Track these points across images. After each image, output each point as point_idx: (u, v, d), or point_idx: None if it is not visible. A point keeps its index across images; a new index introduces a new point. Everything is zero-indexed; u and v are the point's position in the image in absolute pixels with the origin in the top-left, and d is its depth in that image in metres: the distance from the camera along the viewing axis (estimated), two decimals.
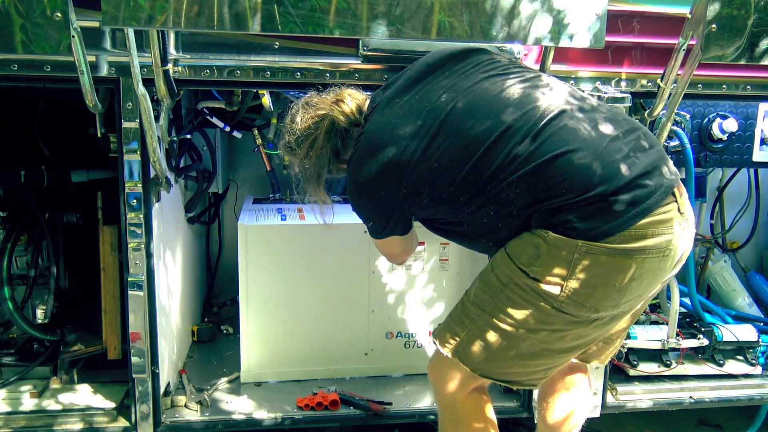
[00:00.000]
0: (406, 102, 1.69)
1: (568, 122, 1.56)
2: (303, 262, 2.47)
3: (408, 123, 1.65)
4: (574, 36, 1.75)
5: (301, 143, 1.84)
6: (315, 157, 1.83)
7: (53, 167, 2.65)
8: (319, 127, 1.80)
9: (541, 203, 1.54)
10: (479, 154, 1.57)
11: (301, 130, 1.83)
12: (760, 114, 2.51)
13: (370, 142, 1.70)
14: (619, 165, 1.52)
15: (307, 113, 1.83)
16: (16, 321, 2.45)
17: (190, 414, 2.27)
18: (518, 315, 1.61)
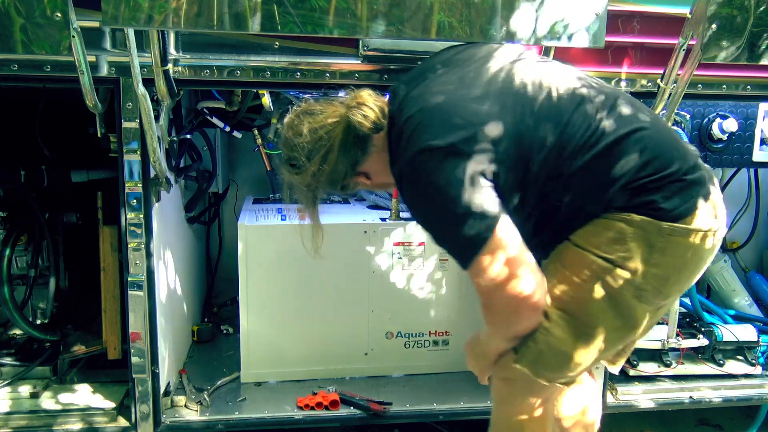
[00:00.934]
0: (462, 80, 1.55)
1: (625, 100, 1.55)
2: (303, 262, 2.46)
3: (481, 100, 1.49)
4: (574, 36, 1.75)
5: (312, 157, 1.61)
6: (329, 172, 1.62)
7: (53, 167, 2.65)
8: (332, 137, 1.59)
9: (623, 182, 1.47)
10: (562, 126, 1.48)
11: (310, 142, 1.60)
12: (760, 114, 2.51)
13: (438, 105, 1.48)
14: (684, 145, 1.53)
15: (315, 122, 1.61)
16: (16, 321, 2.45)
17: (190, 414, 2.27)
18: (599, 310, 1.50)
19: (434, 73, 1.62)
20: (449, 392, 2.50)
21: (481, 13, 1.67)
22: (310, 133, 1.60)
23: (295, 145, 1.62)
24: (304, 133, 1.60)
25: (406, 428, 2.57)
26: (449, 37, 1.71)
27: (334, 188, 1.69)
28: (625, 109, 1.53)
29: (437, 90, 1.53)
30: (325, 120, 1.60)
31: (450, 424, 2.62)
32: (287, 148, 1.65)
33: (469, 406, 2.41)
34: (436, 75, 1.61)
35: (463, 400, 2.44)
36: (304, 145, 1.60)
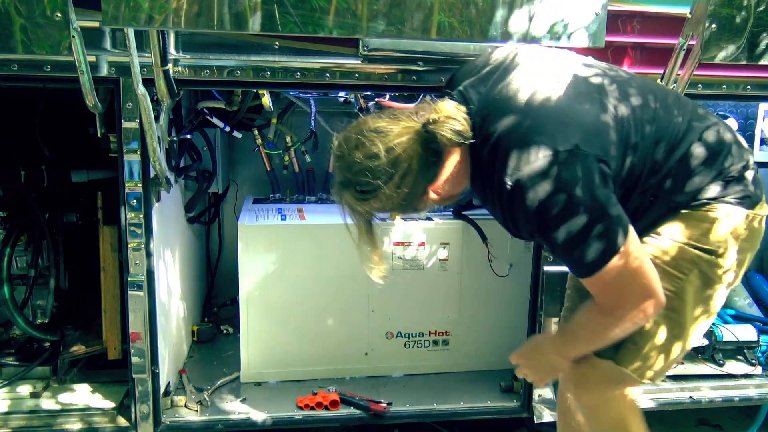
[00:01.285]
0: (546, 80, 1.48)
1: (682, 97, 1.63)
2: (303, 262, 2.47)
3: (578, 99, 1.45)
4: (574, 36, 1.75)
5: (389, 179, 1.43)
6: (406, 194, 1.46)
7: (53, 167, 2.65)
8: (411, 155, 1.43)
9: (715, 173, 1.51)
10: (653, 120, 1.50)
11: (387, 163, 1.41)
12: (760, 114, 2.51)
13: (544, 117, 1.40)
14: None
15: (388, 141, 1.42)
16: (16, 321, 2.45)
17: (190, 414, 2.27)
18: (695, 303, 1.53)
19: (505, 75, 1.51)
20: (449, 392, 2.50)
21: (481, 13, 1.67)
22: (386, 154, 1.41)
23: (367, 169, 1.42)
24: (379, 154, 1.41)
25: (406, 428, 2.57)
26: (449, 37, 1.71)
27: (407, 210, 1.56)
28: (691, 105, 1.59)
29: (528, 92, 1.44)
30: (400, 137, 1.43)
31: (450, 424, 2.62)
32: (355, 173, 1.44)
33: (469, 406, 2.41)
34: (509, 77, 1.50)
35: (463, 400, 2.44)
36: (380, 168, 1.41)
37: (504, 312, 2.62)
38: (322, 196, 3.12)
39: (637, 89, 1.54)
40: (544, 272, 2.24)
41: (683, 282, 1.52)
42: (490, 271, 2.55)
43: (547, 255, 2.24)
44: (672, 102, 1.57)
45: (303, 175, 3.20)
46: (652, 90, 1.57)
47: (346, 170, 1.47)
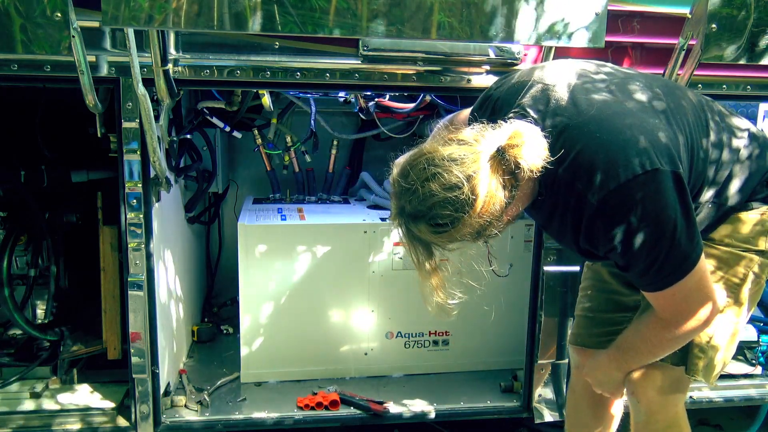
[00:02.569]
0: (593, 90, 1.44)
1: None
2: (303, 262, 2.47)
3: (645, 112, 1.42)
4: (574, 36, 1.75)
5: (470, 208, 1.31)
6: (487, 220, 1.36)
7: (53, 167, 2.65)
8: (492, 181, 1.33)
9: (762, 174, 1.54)
10: (697, 127, 1.49)
11: (466, 193, 1.29)
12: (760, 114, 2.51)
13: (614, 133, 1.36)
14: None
15: (464, 167, 1.30)
16: (16, 321, 2.45)
17: (190, 414, 2.27)
18: (748, 304, 1.59)
19: (559, 92, 1.45)
20: (449, 392, 2.50)
21: (481, 13, 1.67)
22: (467, 183, 1.29)
23: (447, 201, 1.30)
24: (459, 184, 1.29)
25: (406, 428, 2.57)
26: (449, 37, 1.71)
27: (480, 238, 1.46)
28: (720, 107, 1.60)
29: (595, 107, 1.40)
30: (476, 164, 1.31)
31: (450, 424, 2.62)
32: (431, 206, 1.32)
33: (469, 406, 2.41)
34: (563, 93, 1.44)
35: (463, 400, 2.44)
36: (461, 199, 1.30)
37: (504, 312, 2.62)
38: (322, 196, 3.13)
39: (689, 100, 1.54)
40: (544, 272, 2.24)
41: (741, 288, 1.55)
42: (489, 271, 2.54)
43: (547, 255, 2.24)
44: (706, 106, 1.57)
45: (303, 175, 3.20)
46: (685, 95, 1.55)
47: (420, 203, 1.34)
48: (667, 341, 1.50)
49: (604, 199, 1.33)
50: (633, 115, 1.39)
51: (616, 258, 1.42)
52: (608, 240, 1.38)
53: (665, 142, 1.36)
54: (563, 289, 2.26)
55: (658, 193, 1.32)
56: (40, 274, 2.62)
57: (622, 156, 1.33)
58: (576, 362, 1.91)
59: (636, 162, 1.32)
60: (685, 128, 1.45)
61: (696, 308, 1.42)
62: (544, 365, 2.34)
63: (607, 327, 1.78)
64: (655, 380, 1.62)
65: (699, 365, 1.57)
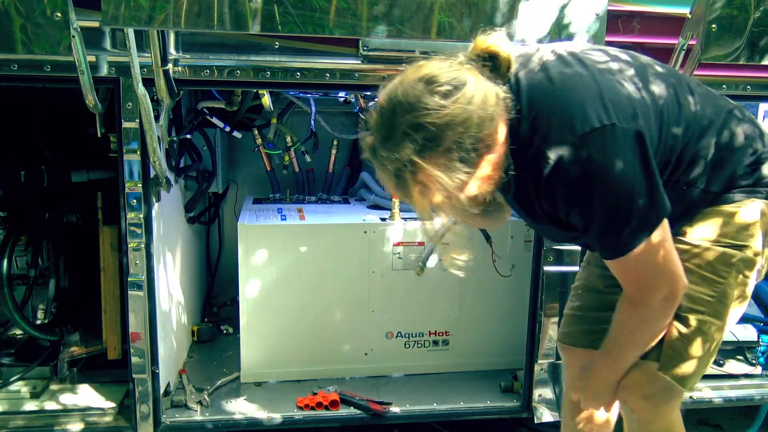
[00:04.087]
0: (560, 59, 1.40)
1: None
2: (303, 262, 2.47)
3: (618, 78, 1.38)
4: (574, 36, 1.75)
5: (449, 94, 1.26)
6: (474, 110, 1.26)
7: (53, 167, 2.65)
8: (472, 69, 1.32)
9: (741, 157, 1.47)
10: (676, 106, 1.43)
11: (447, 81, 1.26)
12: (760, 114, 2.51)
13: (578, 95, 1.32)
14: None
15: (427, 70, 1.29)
16: (16, 321, 2.45)
17: (190, 414, 2.27)
18: (734, 303, 1.49)
19: (539, 61, 1.40)
20: (449, 392, 2.50)
21: (482, 13, 1.67)
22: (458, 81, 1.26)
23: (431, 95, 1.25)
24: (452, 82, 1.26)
25: (406, 428, 2.57)
26: (449, 37, 1.70)
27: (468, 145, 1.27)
28: (709, 91, 1.53)
29: (566, 72, 1.36)
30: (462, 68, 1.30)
31: (450, 424, 2.62)
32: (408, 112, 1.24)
33: (469, 406, 2.41)
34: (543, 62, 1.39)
35: (463, 400, 2.44)
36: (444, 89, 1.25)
37: (504, 312, 2.62)
38: (322, 196, 3.13)
39: (662, 73, 1.49)
40: (544, 272, 2.24)
41: (723, 286, 1.48)
42: (490, 271, 2.55)
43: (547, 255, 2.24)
44: (697, 87, 1.52)
45: (303, 175, 3.20)
46: (675, 74, 1.53)
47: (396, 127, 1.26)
48: (640, 324, 1.45)
49: (560, 155, 1.29)
50: (597, 77, 1.35)
51: (576, 220, 1.37)
52: (566, 198, 1.34)
53: (627, 102, 1.32)
54: (563, 289, 2.26)
55: (615, 148, 1.28)
56: (40, 274, 2.62)
57: (579, 111, 1.29)
58: (565, 362, 1.89)
59: (593, 116, 1.28)
60: (662, 101, 1.40)
61: (660, 283, 1.38)
62: (543, 365, 2.34)
63: (595, 326, 1.73)
64: (642, 386, 1.56)
65: (668, 362, 1.51)
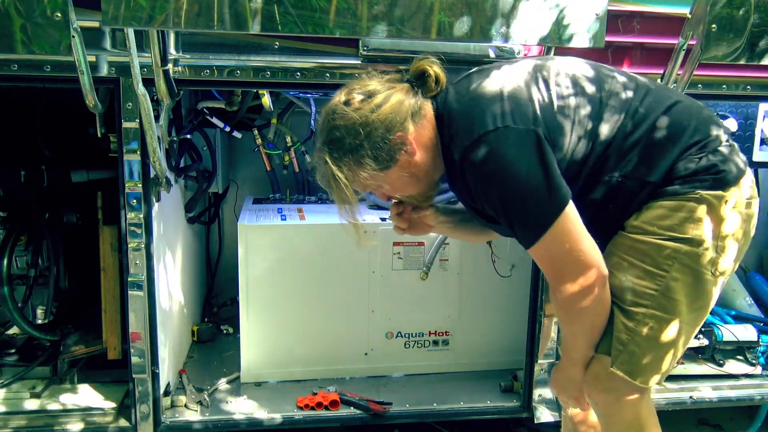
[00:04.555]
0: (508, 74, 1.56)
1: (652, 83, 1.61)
2: (303, 262, 2.47)
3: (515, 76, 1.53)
4: (574, 36, 1.75)
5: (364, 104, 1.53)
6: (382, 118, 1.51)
7: (53, 167, 2.65)
8: (393, 90, 1.56)
9: (683, 148, 1.49)
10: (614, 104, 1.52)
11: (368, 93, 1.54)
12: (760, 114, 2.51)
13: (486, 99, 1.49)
14: (711, 115, 1.58)
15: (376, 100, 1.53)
16: (16, 321, 2.45)
17: (190, 414, 2.27)
18: (685, 298, 1.50)
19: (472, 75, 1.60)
20: (449, 392, 2.50)
21: (482, 13, 1.67)
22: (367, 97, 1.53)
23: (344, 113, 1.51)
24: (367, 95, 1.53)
25: (406, 428, 2.57)
26: (449, 37, 1.70)
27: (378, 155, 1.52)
28: (657, 87, 1.59)
29: (490, 80, 1.53)
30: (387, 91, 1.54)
31: (450, 424, 2.62)
32: (332, 126, 1.52)
33: (469, 406, 2.41)
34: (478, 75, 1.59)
35: (463, 400, 2.44)
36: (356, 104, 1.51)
37: (504, 312, 2.62)
38: (322, 196, 3.12)
39: (595, 72, 1.57)
40: None
41: (666, 279, 1.49)
42: (489, 271, 2.55)
43: None
44: (640, 83, 1.58)
45: (303, 175, 3.20)
46: (614, 74, 1.59)
47: (324, 133, 1.56)
48: (568, 312, 1.52)
49: (463, 155, 1.47)
50: (506, 86, 1.50)
51: (490, 211, 1.53)
52: (477, 192, 1.51)
53: (528, 106, 1.46)
54: None
55: (507, 147, 1.42)
56: (40, 274, 2.61)
57: (479, 116, 1.46)
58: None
59: (489, 120, 1.44)
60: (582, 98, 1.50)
61: (571, 270, 1.45)
62: (543, 365, 2.34)
63: None
64: (600, 380, 1.58)
65: (617, 357, 1.52)
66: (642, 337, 1.51)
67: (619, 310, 1.53)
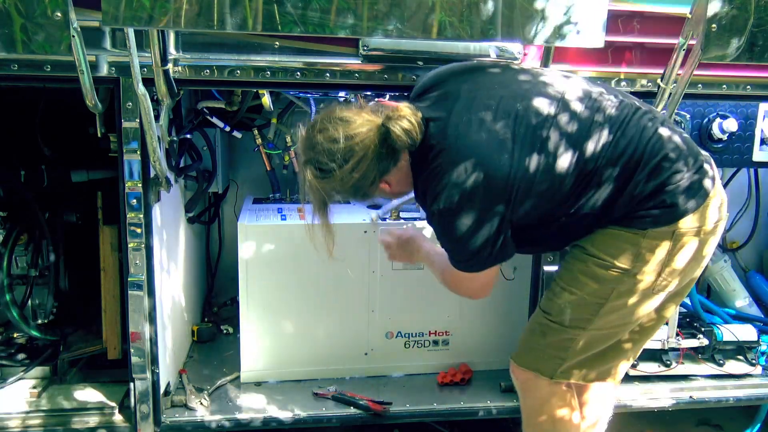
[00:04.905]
0: (476, 112, 1.63)
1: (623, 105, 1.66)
2: (303, 262, 2.47)
3: (494, 135, 1.59)
4: (574, 36, 1.75)
5: (343, 164, 1.62)
6: (358, 179, 1.65)
7: (53, 167, 2.65)
8: (367, 146, 1.62)
9: (634, 185, 1.58)
10: (579, 151, 1.59)
11: (343, 149, 1.61)
12: (760, 114, 2.50)
13: (467, 166, 1.57)
14: (686, 143, 1.64)
15: (349, 129, 1.62)
16: (16, 321, 2.45)
17: (190, 414, 2.27)
18: (621, 317, 1.68)
19: (458, 102, 1.67)
20: (449, 392, 2.50)
21: (482, 13, 1.67)
22: (345, 140, 1.60)
23: (326, 151, 1.62)
24: (338, 139, 1.60)
25: (406, 428, 2.57)
26: (450, 37, 1.70)
27: (356, 196, 1.73)
28: (635, 113, 1.65)
29: (463, 131, 1.61)
30: (360, 128, 1.62)
31: (450, 424, 2.62)
32: (316, 153, 1.64)
33: (469, 406, 2.41)
34: (460, 105, 1.66)
35: (463, 400, 2.44)
36: (337, 152, 1.61)
37: (504, 312, 2.62)
38: None
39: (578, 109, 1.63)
40: (544, 272, 2.24)
41: (598, 306, 1.67)
42: None
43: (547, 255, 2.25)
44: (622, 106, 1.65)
45: None
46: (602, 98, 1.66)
47: (309, 150, 1.66)
48: (447, 281, 1.90)
49: (428, 197, 1.66)
50: (483, 144, 1.59)
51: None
52: (430, 222, 1.75)
53: (495, 180, 1.57)
54: None
55: (461, 220, 1.59)
56: (40, 274, 2.62)
57: (452, 178, 1.59)
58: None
59: (458, 188, 1.58)
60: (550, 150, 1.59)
61: (468, 288, 1.87)
62: None
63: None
64: (519, 368, 1.84)
65: (546, 363, 1.77)
66: (531, 333, 1.76)
67: (554, 326, 1.74)
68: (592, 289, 1.66)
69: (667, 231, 1.58)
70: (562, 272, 1.78)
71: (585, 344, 1.73)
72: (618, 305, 1.67)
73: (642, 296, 1.66)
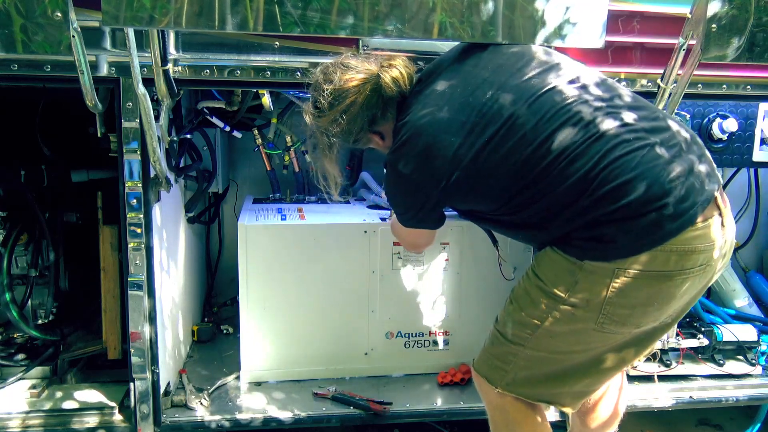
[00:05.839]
0: (450, 95, 1.63)
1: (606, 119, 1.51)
2: (303, 262, 2.47)
3: (455, 119, 1.59)
4: (573, 36, 1.75)
5: (334, 105, 1.71)
6: (346, 123, 1.73)
7: (53, 167, 2.65)
8: (361, 91, 1.69)
9: (581, 211, 1.49)
10: (529, 152, 1.52)
11: (337, 90, 1.70)
12: (760, 114, 2.51)
13: (416, 135, 1.62)
14: (659, 173, 1.45)
15: (347, 74, 1.70)
16: (16, 321, 2.45)
17: (190, 414, 2.27)
18: (562, 343, 1.64)
19: (438, 78, 1.70)
20: (449, 392, 2.50)
21: (482, 13, 1.67)
22: (339, 83, 1.69)
23: (322, 90, 1.72)
24: (334, 80, 1.70)
25: (406, 428, 2.57)
26: (450, 37, 1.71)
27: (347, 140, 1.79)
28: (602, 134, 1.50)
29: (428, 111, 1.64)
30: (357, 75, 1.70)
31: (450, 424, 2.62)
32: (315, 91, 1.77)
33: (469, 406, 2.41)
34: (436, 84, 1.69)
35: (463, 400, 2.44)
36: (330, 93, 1.71)
37: None
38: (322, 196, 3.12)
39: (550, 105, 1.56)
40: None
41: (536, 326, 1.64)
42: (489, 271, 2.54)
43: None
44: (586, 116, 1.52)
45: (303, 175, 3.20)
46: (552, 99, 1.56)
47: (312, 90, 1.78)
48: (395, 232, 2.19)
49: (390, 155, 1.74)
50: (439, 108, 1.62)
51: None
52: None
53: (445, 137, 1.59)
54: None
55: (402, 161, 1.66)
56: (40, 274, 2.62)
57: (405, 148, 1.66)
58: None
59: (413, 136, 1.64)
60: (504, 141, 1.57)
61: (401, 236, 2.14)
62: None
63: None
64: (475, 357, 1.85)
65: (489, 370, 1.76)
66: (523, 364, 1.69)
67: (500, 338, 1.74)
68: (530, 309, 1.64)
69: (607, 267, 1.48)
70: (516, 284, 1.75)
71: (526, 362, 1.68)
72: (555, 331, 1.60)
73: (585, 329, 1.58)
